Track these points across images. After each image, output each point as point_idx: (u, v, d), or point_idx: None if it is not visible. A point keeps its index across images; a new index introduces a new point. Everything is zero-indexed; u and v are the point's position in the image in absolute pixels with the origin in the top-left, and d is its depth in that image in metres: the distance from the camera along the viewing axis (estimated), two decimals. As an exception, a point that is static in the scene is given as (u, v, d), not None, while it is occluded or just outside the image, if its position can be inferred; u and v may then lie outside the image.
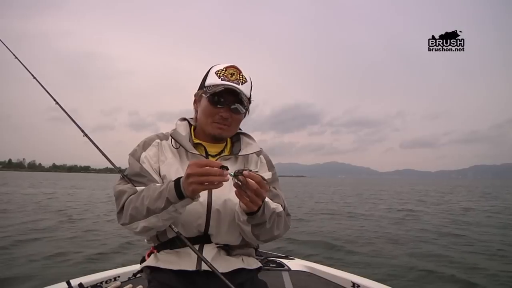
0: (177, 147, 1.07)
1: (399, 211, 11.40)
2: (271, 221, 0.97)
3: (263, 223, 0.95)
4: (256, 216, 0.92)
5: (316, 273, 1.96)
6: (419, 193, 24.77)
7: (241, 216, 0.95)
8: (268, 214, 0.95)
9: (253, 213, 0.91)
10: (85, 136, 1.26)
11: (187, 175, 0.82)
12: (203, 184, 0.81)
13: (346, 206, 13.39)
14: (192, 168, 0.81)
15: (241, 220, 0.96)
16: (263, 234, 0.98)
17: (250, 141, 1.15)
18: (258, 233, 0.98)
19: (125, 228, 0.98)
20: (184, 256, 1.00)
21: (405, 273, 4.09)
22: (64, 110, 1.33)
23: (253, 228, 0.96)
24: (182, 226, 1.00)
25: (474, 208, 12.62)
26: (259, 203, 0.87)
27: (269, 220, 0.96)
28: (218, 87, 1.00)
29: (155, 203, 0.89)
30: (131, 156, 1.07)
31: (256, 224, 0.94)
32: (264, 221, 0.94)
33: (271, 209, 0.97)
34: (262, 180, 0.83)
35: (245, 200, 0.85)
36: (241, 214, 0.94)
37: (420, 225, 8.12)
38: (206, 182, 0.80)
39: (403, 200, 17.33)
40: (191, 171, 0.81)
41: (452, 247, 5.58)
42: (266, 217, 0.94)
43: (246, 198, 0.84)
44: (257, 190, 0.82)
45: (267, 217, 0.94)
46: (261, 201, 0.87)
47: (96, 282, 1.68)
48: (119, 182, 1.05)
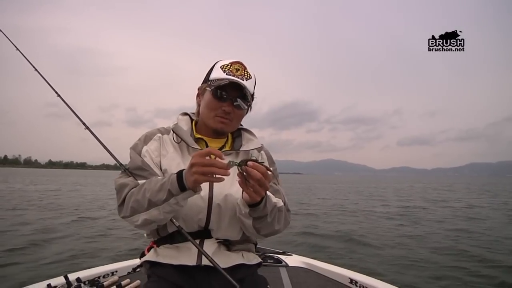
0: (179, 141, 1.07)
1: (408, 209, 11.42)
2: (272, 215, 0.97)
3: (265, 216, 0.95)
4: (258, 209, 0.92)
5: (313, 269, 1.98)
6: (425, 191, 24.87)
7: (242, 208, 0.95)
8: (270, 207, 0.95)
9: (255, 206, 0.92)
10: (86, 129, 1.24)
11: (190, 165, 0.82)
12: (206, 175, 0.81)
13: (353, 204, 13.42)
14: (196, 158, 0.81)
15: (243, 213, 0.96)
16: (264, 228, 0.98)
17: (251, 137, 1.16)
18: (259, 227, 0.98)
19: (126, 221, 0.98)
20: (184, 251, 1.00)
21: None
22: (65, 102, 1.32)
23: (254, 222, 0.96)
24: (183, 221, 1.00)
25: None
26: (262, 194, 0.86)
27: (270, 214, 0.96)
28: (223, 81, 1.01)
29: (157, 195, 0.89)
30: (132, 150, 1.07)
31: (258, 217, 0.95)
32: (265, 214, 0.94)
33: (273, 203, 0.97)
34: (266, 170, 0.83)
35: (248, 190, 0.84)
36: (243, 207, 0.94)
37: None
38: (209, 173, 0.80)
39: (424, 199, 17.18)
40: (195, 161, 0.81)
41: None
42: (268, 210, 0.94)
43: (249, 188, 0.84)
44: (261, 180, 0.82)
45: (268, 210, 0.94)
46: (264, 192, 0.87)
47: (94, 276, 1.68)
48: (120, 175, 1.05)
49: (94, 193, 16.57)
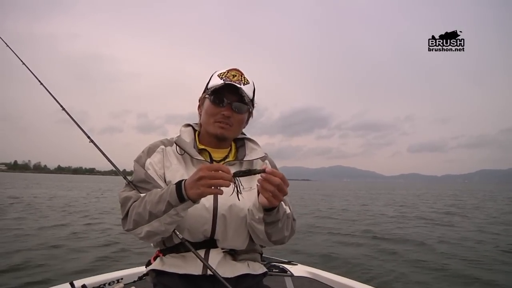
0: (182, 153, 1.08)
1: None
2: (283, 220, 0.99)
3: (277, 221, 0.96)
4: (272, 213, 0.94)
5: (318, 279, 1.95)
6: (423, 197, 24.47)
7: (256, 213, 0.96)
8: (282, 213, 0.97)
9: (270, 210, 0.93)
10: (91, 142, 1.26)
11: (199, 177, 0.83)
12: (211, 188, 0.82)
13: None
14: (204, 171, 0.82)
15: (256, 218, 0.97)
16: (275, 233, 0.99)
17: (254, 147, 1.16)
18: (271, 232, 0.99)
19: (130, 234, 0.99)
20: (190, 260, 1.00)
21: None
22: (70, 116, 1.34)
23: (266, 227, 0.97)
24: (188, 232, 1.00)
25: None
26: (281, 199, 0.90)
27: (281, 220, 0.98)
28: (219, 85, 1.03)
29: (156, 206, 0.89)
30: (136, 162, 1.08)
31: (271, 222, 0.96)
32: (278, 219, 0.96)
33: (284, 209, 1.00)
34: (283, 176, 0.87)
35: (267, 195, 0.87)
36: (258, 212, 0.95)
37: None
38: (215, 185, 0.81)
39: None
40: (204, 174, 0.82)
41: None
42: (280, 215, 0.96)
43: (268, 193, 0.86)
44: (280, 185, 0.86)
45: (280, 215, 0.97)
46: (283, 196, 0.89)
47: (100, 283, 1.68)
48: (124, 189, 1.06)
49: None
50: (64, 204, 12.59)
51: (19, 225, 7.28)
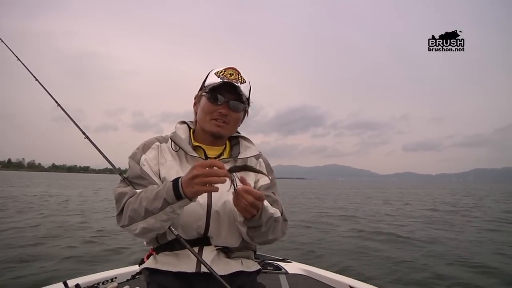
0: (177, 149, 1.08)
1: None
2: (267, 225, 0.98)
3: (259, 226, 0.96)
4: (253, 220, 0.93)
5: (313, 276, 1.96)
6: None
7: (237, 216, 0.97)
8: (265, 218, 0.96)
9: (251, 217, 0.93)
10: (86, 139, 1.26)
11: (193, 176, 0.82)
12: (206, 186, 0.82)
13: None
14: (198, 169, 0.82)
15: (238, 221, 0.98)
16: (258, 237, 1.00)
17: (249, 145, 1.17)
18: (253, 236, 0.99)
19: (125, 230, 0.98)
20: (183, 258, 1.00)
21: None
22: (65, 112, 1.34)
23: (248, 230, 0.97)
24: (182, 228, 1.01)
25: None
26: (253, 213, 0.90)
27: (265, 225, 0.97)
28: (217, 83, 1.04)
29: (153, 203, 0.89)
30: (131, 158, 1.08)
31: (252, 226, 0.96)
32: (260, 225, 0.95)
33: (269, 214, 0.98)
34: (261, 195, 0.87)
35: (240, 208, 0.89)
36: (239, 216, 0.96)
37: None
38: (209, 183, 0.81)
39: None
40: (198, 172, 0.82)
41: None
42: (263, 221, 0.95)
43: (241, 207, 0.88)
44: (253, 203, 0.87)
45: (263, 221, 0.95)
46: (256, 211, 0.90)
47: (93, 283, 1.68)
48: (119, 184, 1.06)
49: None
50: (57, 202, 12.48)
51: (9, 223, 7.24)
